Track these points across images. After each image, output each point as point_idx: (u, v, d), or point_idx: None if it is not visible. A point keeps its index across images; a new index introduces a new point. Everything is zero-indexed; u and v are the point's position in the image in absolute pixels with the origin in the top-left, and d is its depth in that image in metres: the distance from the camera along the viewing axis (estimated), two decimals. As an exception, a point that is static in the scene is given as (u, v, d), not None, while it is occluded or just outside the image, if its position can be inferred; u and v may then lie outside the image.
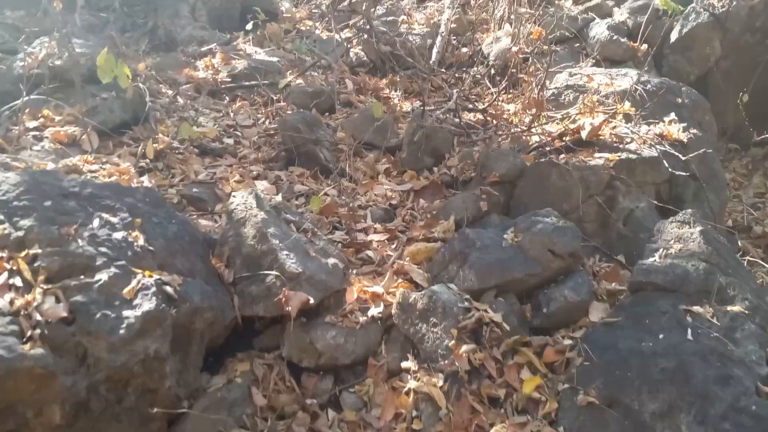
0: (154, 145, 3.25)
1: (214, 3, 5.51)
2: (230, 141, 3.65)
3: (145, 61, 4.53)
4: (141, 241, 2.08)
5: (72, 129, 3.16)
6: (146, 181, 3.02)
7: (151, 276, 1.97)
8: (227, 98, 4.30)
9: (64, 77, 3.38)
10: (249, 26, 4.93)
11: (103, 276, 1.86)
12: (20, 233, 1.87)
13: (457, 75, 5.03)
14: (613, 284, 2.59)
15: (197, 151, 3.45)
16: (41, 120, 3.18)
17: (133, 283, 1.90)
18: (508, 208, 3.13)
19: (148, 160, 3.18)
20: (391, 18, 5.53)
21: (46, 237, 1.87)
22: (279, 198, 2.94)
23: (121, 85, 3.11)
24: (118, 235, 2.03)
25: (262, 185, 3.21)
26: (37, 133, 3.08)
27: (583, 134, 3.30)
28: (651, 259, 2.42)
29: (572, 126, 3.42)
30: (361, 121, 3.85)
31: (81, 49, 3.48)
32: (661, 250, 2.45)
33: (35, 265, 1.82)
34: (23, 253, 1.83)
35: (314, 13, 5.94)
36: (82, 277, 1.84)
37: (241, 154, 3.53)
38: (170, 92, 4.13)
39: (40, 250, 1.84)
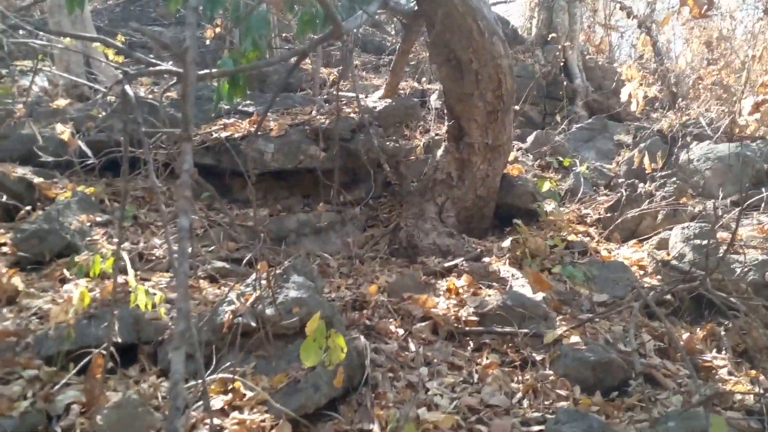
0: (364, 454, 2.22)
1: (465, 203, 4.69)
2: (472, 442, 2.46)
3: (377, 282, 3.77)
4: None
5: (261, 417, 2.29)
6: None
7: None
8: (471, 345, 3.20)
9: (271, 328, 2.64)
10: (506, 243, 3.90)
11: None
12: None
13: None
14: None
15: (424, 463, 2.32)
16: (230, 396, 2.39)
17: None
18: None
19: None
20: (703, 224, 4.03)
21: None
22: None
23: (331, 361, 2.23)
24: None
25: None
26: (219, 421, 2.27)
27: None
28: None
29: None
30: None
31: (296, 292, 2.74)
32: None
33: None
34: None
35: (586, 216, 4.73)
36: None
37: (487, 478, 2.28)
38: (400, 332, 3.20)
39: None
